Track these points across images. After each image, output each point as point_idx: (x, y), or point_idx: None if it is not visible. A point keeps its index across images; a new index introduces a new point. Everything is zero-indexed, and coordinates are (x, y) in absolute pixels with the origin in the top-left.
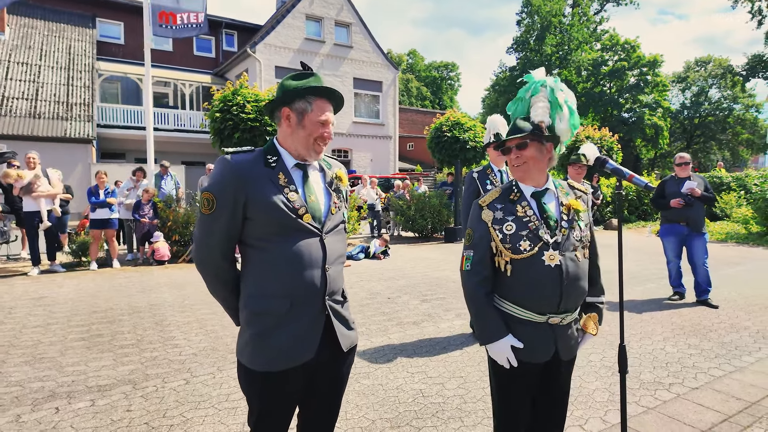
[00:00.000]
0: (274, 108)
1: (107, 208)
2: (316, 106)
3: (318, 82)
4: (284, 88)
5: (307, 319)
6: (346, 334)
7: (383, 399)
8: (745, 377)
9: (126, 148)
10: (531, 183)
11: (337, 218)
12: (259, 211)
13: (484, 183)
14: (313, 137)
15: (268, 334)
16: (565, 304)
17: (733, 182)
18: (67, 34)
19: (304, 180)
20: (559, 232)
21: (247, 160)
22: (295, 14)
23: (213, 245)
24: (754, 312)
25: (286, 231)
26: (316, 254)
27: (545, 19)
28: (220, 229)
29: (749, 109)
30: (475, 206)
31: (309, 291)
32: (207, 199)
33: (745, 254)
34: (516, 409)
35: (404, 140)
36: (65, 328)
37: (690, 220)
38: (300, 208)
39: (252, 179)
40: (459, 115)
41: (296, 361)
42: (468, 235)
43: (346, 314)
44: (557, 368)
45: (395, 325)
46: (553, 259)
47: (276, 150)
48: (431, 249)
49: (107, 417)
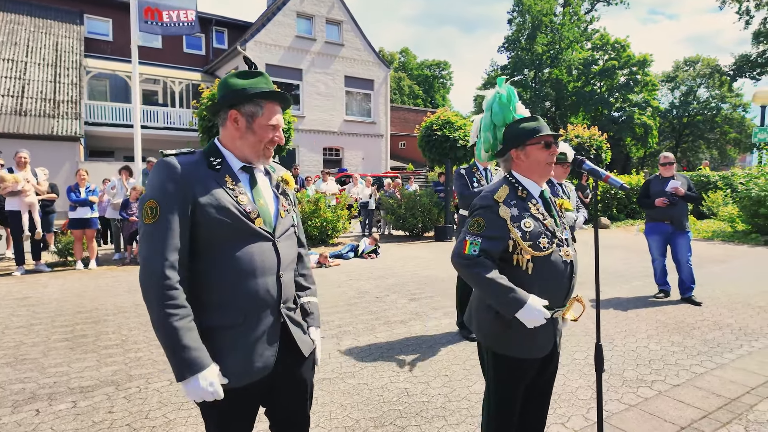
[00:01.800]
0: (220, 109)
1: (88, 207)
2: (267, 110)
3: (268, 84)
4: (230, 87)
5: (263, 330)
6: (304, 339)
7: (368, 398)
8: (725, 374)
9: (115, 146)
10: (539, 182)
11: (287, 222)
12: (208, 215)
13: (471, 180)
14: (263, 143)
15: (221, 349)
16: (569, 297)
17: (719, 181)
18: (55, 30)
19: (252, 183)
20: (564, 229)
21: (190, 162)
22: (286, 12)
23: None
24: (737, 309)
25: (236, 236)
26: (269, 260)
27: (536, 18)
28: (168, 236)
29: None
30: (490, 200)
31: (264, 300)
32: (150, 207)
33: (731, 252)
34: (514, 404)
35: (396, 139)
36: (49, 328)
37: (674, 219)
38: (252, 212)
39: (197, 181)
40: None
41: (255, 375)
42: (476, 223)
43: (299, 319)
44: (552, 360)
45: (382, 324)
46: (568, 255)
47: (219, 152)
48: (421, 248)
49: (88, 419)
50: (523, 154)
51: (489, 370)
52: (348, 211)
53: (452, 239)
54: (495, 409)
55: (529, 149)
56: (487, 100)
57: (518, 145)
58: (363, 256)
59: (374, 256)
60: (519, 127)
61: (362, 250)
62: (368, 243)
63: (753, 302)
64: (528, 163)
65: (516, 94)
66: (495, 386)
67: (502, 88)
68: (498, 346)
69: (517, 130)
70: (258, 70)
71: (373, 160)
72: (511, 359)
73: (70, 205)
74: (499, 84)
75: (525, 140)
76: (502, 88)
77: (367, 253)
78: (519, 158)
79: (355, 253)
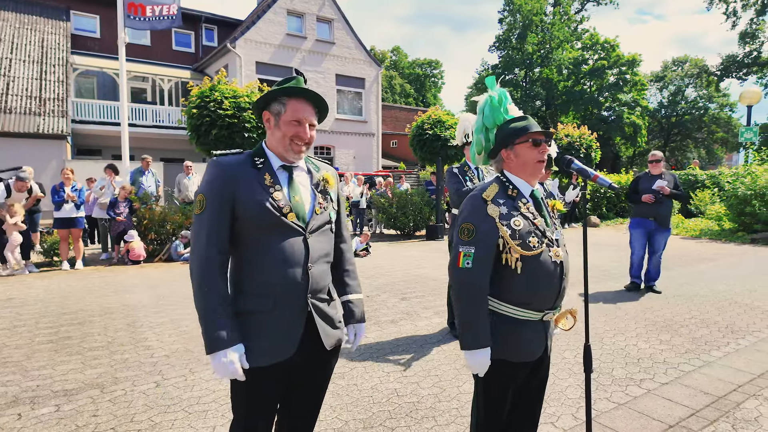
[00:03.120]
0: (259, 113)
1: (74, 206)
2: (290, 107)
3: (296, 83)
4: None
5: (289, 316)
6: (330, 333)
7: (357, 399)
8: (713, 372)
9: (102, 145)
10: (530, 181)
11: (322, 218)
12: (246, 210)
13: (464, 179)
14: (287, 137)
15: (252, 331)
16: (560, 299)
17: (707, 180)
18: (40, 26)
19: (290, 180)
20: (555, 229)
21: (235, 162)
22: (276, 9)
23: (209, 243)
24: (724, 307)
25: (270, 229)
26: (298, 252)
27: (527, 17)
28: (213, 224)
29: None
30: (479, 200)
31: (291, 288)
32: (200, 200)
33: (718, 250)
34: (503, 407)
35: (388, 137)
36: (33, 330)
37: (659, 216)
38: (284, 207)
39: (239, 180)
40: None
41: (276, 358)
42: (467, 230)
43: (332, 313)
44: (544, 362)
45: (373, 324)
46: (558, 255)
47: (263, 152)
48: (413, 246)
49: (72, 423)
50: (512, 154)
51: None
52: None
53: (443, 238)
54: (484, 412)
55: (518, 148)
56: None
57: (507, 144)
58: (355, 254)
59: (365, 254)
60: (508, 127)
61: (354, 249)
62: (360, 241)
63: (740, 300)
64: (518, 162)
65: (508, 95)
66: (484, 389)
67: (494, 91)
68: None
69: (506, 130)
70: (294, 76)
71: (364, 159)
72: (501, 362)
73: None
74: (489, 85)
75: (513, 139)
76: (493, 91)
77: (358, 252)
78: (509, 158)
79: None
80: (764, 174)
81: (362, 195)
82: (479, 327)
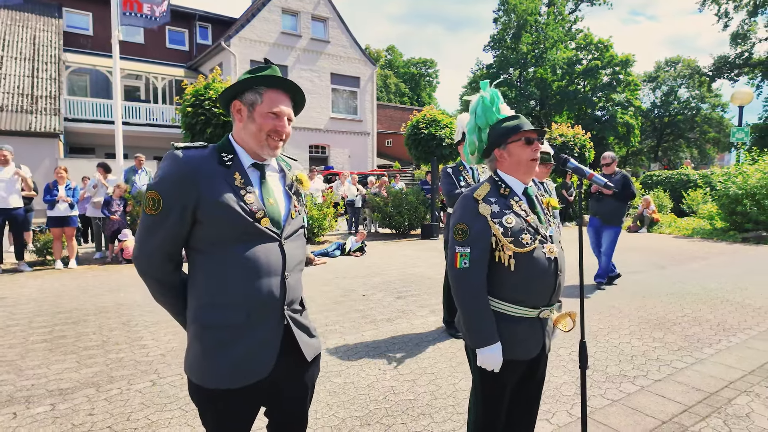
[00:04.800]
0: (227, 102)
1: (67, 204)
2: (267, 98)
3: (272, 72)
4: (238, 80)
5: (265, 331)
6: (309, 343)
7: (354, 397)
8: (705, 368)
9: (96, 143)
10: (523, 179)
11: (296, 223)
12: (211, 213)
13: (458, 179)
14: (264, 131)
15: (221, 348)
16: (556, 296)
17: (699, 179)
18: (32, 23)
19: (262, 181)
20: (549, 226)
21: (200, 157)
22: (271, 8)
23: (155, 249)
24: (716, 305)
25: (241, 236)
26: (275, 261)
27: (521, 17)
28: (165, 231)
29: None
30: (470, 200)
31: (267, 300)
32: (152, 198)
33: (710, 249)
34: (500, 405)
35: (382, 137)
36: (26, 329)
37: (599, 214)
38: (258, 212)
39: (204, 178)
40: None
41: (251, 378)
42: (461, 230)
43: (306, 322)
44: (541, 361)
45: (369, 322)
46: (552, 252)
47: (231, 147)
48: (408, 245)
49: (68, 422)
50: (505, 153)
51: (474, 370)
52: (334, 209)
53: (438, 237)
54: (481, 410)
55: (511, 147)
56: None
57: (500, 144)
58: (350, 254)
59: (360, 254)
60: (501, 127)
61: (349, 248)
62: (355, 240)
63: (731, 298)
64: (510, 161)
65: (500, 95)
66: (481, 387)
67: (486, 91)
68: None
69: (499, 129)
70: (267, 64)
71: (359, 158)
72: None
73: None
74: (483, 87)
75: (506, 138)
76: (485, 91)
77: (353, 251)
78: (502, 157)
79: (341, 251)
80: (755, 174)
81: (358, 194)
82: (485, 324)
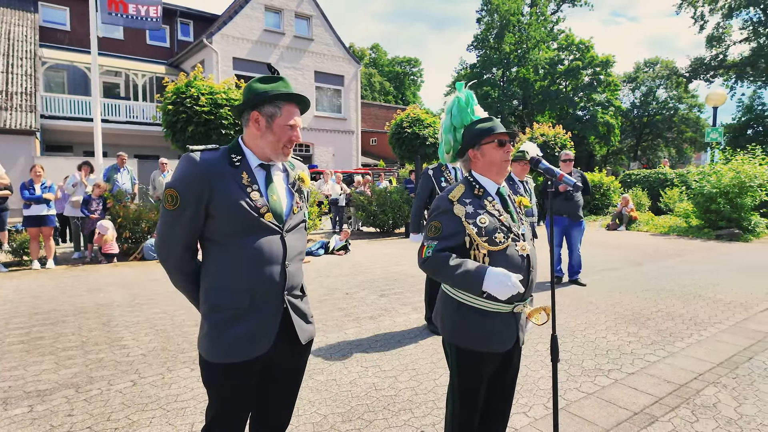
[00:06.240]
0: (243, 110)
1: (44, 203)
2: (285, 111)
3: (287, 87)
4: (252, 91)
5: (266, 313)
6: (305, 328)
7: (336, 394)
8: (676, 361)
9: (73, 141)
10: (496, 179)
11: (298, 217)
12: (221, 209)
13: (439, 180)
14: (282, 141)
15: (226, 326)
16: (529, 291)
17: (676, 178)
18: (6, 18)
19: (267, 180)
20: (521, 224)
21: (212, 159)
22: (254, 5)
23: (175, 241)
24: (689, 300)
25: (247, 229)
26: (276, 251)
27: (504, 17)
28: (182, 225)
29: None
30: (445, 201)
31: (269, 286)
32: (171, 195)
33: (685, 246)
34: (477, 397)
35: (367, 135)
36: (2, 331)
37: (568, 212)
38: (262, 207)
39: (216, 178)
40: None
41: (252, 354)
42: (434, 227)
43: (305, 308)
44: (515, 354)
45: (352, 320)
46: (525, 249)
47: (240, 149)
48: (391, 244)
49: (47, 423)
50: (479, 153)
51: (452, 364)
52: (318, 208)
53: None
54: (458, 403)
55: (484, 148)
56: (447, 104)
57: (474, 144)
58: (334, 252)
59: (344, 252)
60: (475, 128)
61: (333, 246)
62: (339, 238)
63: (704, 294)
64: (484, 161)
65: (474, 97)
66: (458, 380)
67: (461, 92)
68: (459, 340)
69: (473, 130)
70: (278, 75)
71: (344, 157)
72: (472, 353)
73: (23, 203)
74: (458, 88)
75: (480, 140)
76: (461, 92)
77: (337, 250)
78: (476, 157)
79: (325, 250)
80: (728, 173)
81: (342, 193)
82: (468, 270)
